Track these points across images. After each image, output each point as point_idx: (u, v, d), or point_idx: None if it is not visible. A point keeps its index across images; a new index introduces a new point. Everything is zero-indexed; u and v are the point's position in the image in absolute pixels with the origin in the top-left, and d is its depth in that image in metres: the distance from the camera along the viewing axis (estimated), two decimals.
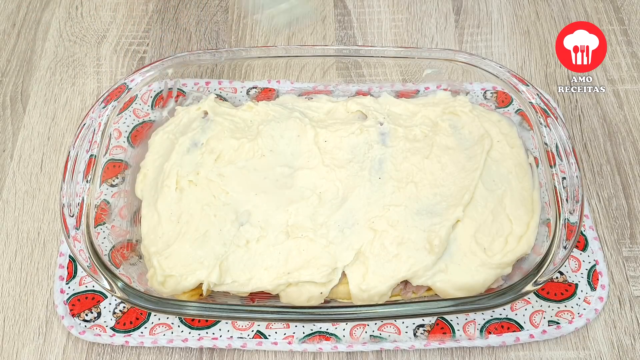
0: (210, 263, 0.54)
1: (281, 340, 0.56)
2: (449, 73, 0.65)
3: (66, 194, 0.55)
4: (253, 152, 0.60)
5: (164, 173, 0.59)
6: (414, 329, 0.57)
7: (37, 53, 0.76)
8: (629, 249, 0.62)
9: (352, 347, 0.56)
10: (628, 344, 0.57)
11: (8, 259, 0.62)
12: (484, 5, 0.80)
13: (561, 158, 0.56)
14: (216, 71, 0.73)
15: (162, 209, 0.57)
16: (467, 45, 0.76)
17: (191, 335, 0.56)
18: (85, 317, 0.57)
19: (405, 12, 0.80)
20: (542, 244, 0.55)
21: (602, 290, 0.58)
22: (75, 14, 0.80)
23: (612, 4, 0.79)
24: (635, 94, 0.72)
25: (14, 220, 0.64)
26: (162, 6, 0.81)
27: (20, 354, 0.57)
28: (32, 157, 0.68)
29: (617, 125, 0.70)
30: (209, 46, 0.77)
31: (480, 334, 0.56)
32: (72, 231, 0.53)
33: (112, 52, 0.77)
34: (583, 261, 0.60)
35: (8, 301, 0.59)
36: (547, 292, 0.58)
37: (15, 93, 0.73)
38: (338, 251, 0.55)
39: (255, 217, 0.56)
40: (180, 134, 0.62)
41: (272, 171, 0.59)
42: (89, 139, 0.58)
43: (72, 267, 0.60)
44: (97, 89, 0.73)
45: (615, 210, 0.64)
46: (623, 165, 0.67)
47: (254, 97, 0.70)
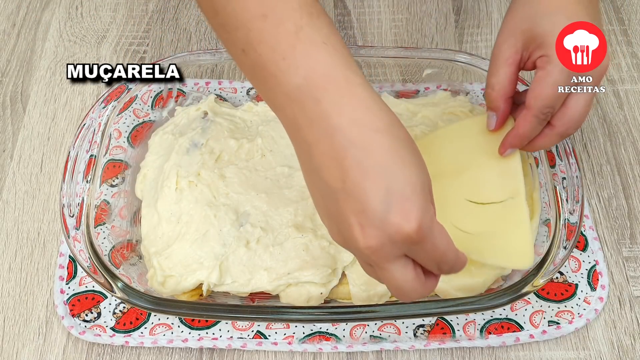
0: (210, 263, 0.54)
1: (281, 340, 0.56)
2: (449, 73, 0.65)
3: (66, 194, 0.55)
4: (253, 152, 0.60)
5: (164, 173, 0.59)
6: (414, 329, 0.57)
7: (37, 53, 0.76)
8: (629, 249, 0.62)
9: (352, 347, 0.56)
10: (628, 344, 0.57)
11: (8, 259, 0.62)
12: (484, 5, 0.80)
13: (561, 158, 0.56)
14: (216, 71, 0.73)
15: (162, 209, 0.57)
16: (467, 45, 0.76)
17: (191, 335, 0.56)
18: (85, 317, 0.57)
19: (405, 12, 0.80)
20: (542, 244, 0.55)
21: (602, 291, 0.58)
22: (75, 14, 0.80)
23: (612, 4, 0.79)
24: (635, 94, 0.72)
25: (14, 220, 0.64)
26: (162, 6, 0.81)
27: (20, 354, 0.57)
28: (32, 157, 0.68)
29: (617, 125, 0.70)
30: (209, 46, 0.77)
31: (480, 334, 0.56)
32: (72, 231, 0.53)
33: (112, 52, 0.77)
34: (583, 261, 0.60)
35: (8, 301, 0.59)
36: (547, 292, 0.58)
37: (15, 93, 0.73)
38: (338, 251, 0.55)
39: (255, 218, 0.56)
40: (180, 134, 0.62)
41: (273, 171, 0.59)
42: (89, 139, 0.58)
43: (72, 268, 0.60)
44: (97, 89, 0.73)
45: (615, 210, 0.64)
46: (623, 165, 0.67)
47: (254, 97, 0.70)
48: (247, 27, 0.39)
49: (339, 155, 0.37)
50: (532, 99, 0.47)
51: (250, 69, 0.40)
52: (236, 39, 0.40)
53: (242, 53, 0.40)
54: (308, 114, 0.38)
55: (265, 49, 0.38)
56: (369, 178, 0.37)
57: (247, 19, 0.39)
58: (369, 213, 0.36)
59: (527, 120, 0.48)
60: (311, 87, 0.38)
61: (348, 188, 0.37)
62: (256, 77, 0.40)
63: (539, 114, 0.48)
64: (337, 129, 0.37)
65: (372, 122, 0.38)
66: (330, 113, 0.37)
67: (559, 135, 0.49)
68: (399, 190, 0.37)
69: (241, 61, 0.41)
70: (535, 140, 0.50)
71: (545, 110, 0.47)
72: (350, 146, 0.37)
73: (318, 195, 0.40)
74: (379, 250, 0.37)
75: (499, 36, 0.50)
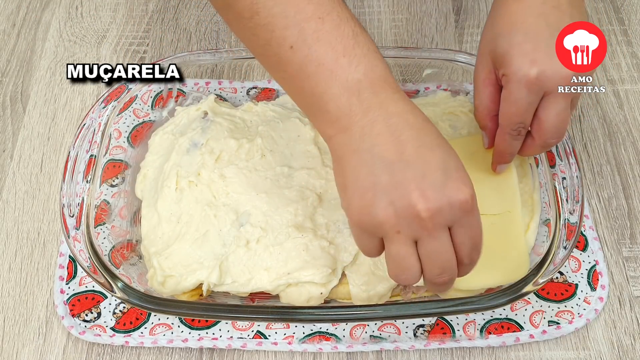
0: (210, 263, 0.54)
1: (281, 340, 0.56)
2: (449, 73, 0.65)
3: (66, 194, 0.55)
4: (253, 152, 0.60)
5: (164, 173, 0.59)
6: (414, 329, 0.57)
7: (37, 53, 0.76)
8: (629, 249, 0.62)
9: (352, 347, 0.56)
10: (628, 344, 0.57)
11: (8, 259, 0.62)
12: (484, 5, 0.80)
13: (561, 158, 0.56)
14: (216, 71, 0.73)
15: (162, 209, 0.57)
16: (467, 45, 0.76)
17: (191, 335, 0.56)
18: (85, 317, 0.57)
19: (405, 12, 0.80)
20: (542, 244, 0.55)
21: (602, 291, 0.58)
22: (75, 14, 0.80)
23: (612, 4, 0.79)
24: (635, 94, 0.72)
25: (14, 220, 0.64)
26: (162, 6, 0.81)
27: (20, 354, 0.57)
28: (32, 157, 0.68)
29: (617, 125, 0.70)
30: (209, 46, 0.77)
31: (480, 334, 0.56)
32: (72, 231, 0.53)
33: (112, 52, 0.77)
34: (583, 261, 0.60)
35: (8, 301, 0.59)
36: (547, 292, 0.58)
37: (15, 93, 0.73)
38: (338, 252, 0.55)
39: (255, 218, 0.56)
40: (180, 134, 0.62)
41: (273, 171, 0.59)
42: (89, 139, 0.58)
43: (72, 268, 0.60)
44: (97, 89, 0.73)
45: (615, 210, 0.64)
46: (623, 165, 0.67)
47: (254, 97, 0.70)
48: (300, 27, 0.42)
49: (395, 132, 0.41)
50: (501, 117, 0.51)
51: (297, 65, 0.43)
52: (284, 37, 0.43)
53: (289, 49, 0.43)
54: (364, 104, 0.42)
55: (323, 47, 0.42)
56: (426, 150, 0.41)
57: (301, 19, 0.42)
58: (430, 178, 0.40)
59: (502, 138, 0.52)
60: (369, 82, 0.42)
61: (407, 159, 0.41)
62: (304, 72, 0.43)
63: (510, 132, 0.51)
64: (393, 114, 0.42)
65: (421, 114, 0.43)
66: (387, 103, 0.42)
67: (541, 146, 0.51)
68: (452, 163, 0.41)
69: (284, 58, 0.43)
70: (522, 151, 0.53)
71: (514, 126, 0.50)
72: (407, 127, 0.41)
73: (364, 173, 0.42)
74: (437, 214, 0.40)
75: (476, 58, 0.53)
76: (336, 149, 0.44)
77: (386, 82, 0.43)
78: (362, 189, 0.42)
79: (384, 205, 0.41)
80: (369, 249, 0.44)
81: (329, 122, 0.43)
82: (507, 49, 0.48)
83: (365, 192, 0.41)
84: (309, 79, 0.43)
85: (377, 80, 0.42)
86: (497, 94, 0.51)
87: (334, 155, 0.44)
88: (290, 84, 0.45)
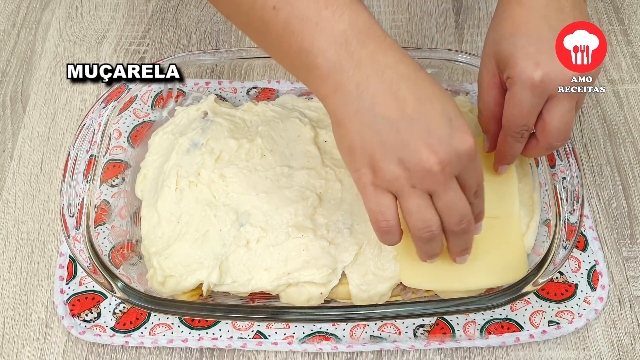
0: (210, 263, 0.54)
1: (281, 340, 0.56)
2: (449, 73, 0.65)
3: (66, 194, 0.55)
4: (253, 152, 0.60)
5: (164, 173, 0.59)
6: (414, 329, 0.57)
7: (37, 53, 0.76)
8: (629, 249, 0.62)
9: (352, 347, 0.56)
10: (628, 344, 0.57)
11: (8, 259, 0.62)
12: (484, 6, 0.80)
13: (561, 158, 0.56)
14: (216, 71, 0.73)
15: (162, 209, 0.57)
16: (467, 45, 0.76)
17: (191, 335, 0.56)
18: (85, 317, 0.57)
19: (405, 12, 0.80)
20: (542, 244, 0.55)
21: (602, 291, 0.58)
22: (75, 14, 0.80)
23: (612, 4, 0.79)
24: (635, 94, 0.72)
25: (14, 220, 0.64)
26: (162, 6, 0.81)
27: (20, 354, 0.57)
28: (32, 157, 0.68)
29: (617, 125, 0.70)
30: (209, 46, 0.77)
31: (480, 334, 0.56)
32: (72, 231, 0.53)
33: (112, 52, 0.77)
34: (583, 261, 0.60)
35: (8, 301, 0.59)
36: (547, 292, 0.58)
37: (15, 93, 0.73)
38: (338, 252, 0.55)
39: (255, 218, 0.56)
40: (180, 134, 0.62)
41: (273, 171, 0.59)
42: (89, 139, 0.58)
43: (72, 268, 0.60)
44: (97, 89, 0.73)
45: (615, 210, 0.64)
46: (623, 165, 0.67)
47: (254, 97, 0.70)
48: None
49: (392, 87, 0.41)
50: (504, 119, 0.51)
51: (281, 24, 0.43)
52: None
53: (272, 10, 0.43)
54: (354, 56, 0.41)
55: (305, 1, 0.42)
56: (427, 104, 0.41)
57: None
58: (436, 132, 0.41)
59: (504, 140, 0.52)
60: (356, 32, 0.42)
61: (409, 115, 0.41)
62: (289, 30, 0.43)
63: (513, 134, 0.51)
64: (386, 67, 0.41)
65: (413, 62, 0.43)
66: (377, 54, 0.42)
67: (545, 148, 0.51)
68: (452, 113, 0.42)
69: (268, 19, 0.43)
70: (526, 153, 0.53)
71: (517, 129, 0.50)
72: (402, 79, 0.41)
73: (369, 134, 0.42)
74: (447, 166, 0.41)
75: (481, 61, 0.53)
76: (334, 110, 0.43)
77: (372, 29, 0.43)
78: (370, 149, 0.42)
79: (395, 163, 0.41)
80: (385, 206, 0.43)
81: (321, 78, 0.43)
82: (511, 52, 0.48)
83: (374, 152, 0.42)
84: (295, 35, 0.43)
85: (363, 29, 0.42)
86: (501, 98, 0.51)
87: (333, 118, 0.44)
88: (278, 47, 0.45)
